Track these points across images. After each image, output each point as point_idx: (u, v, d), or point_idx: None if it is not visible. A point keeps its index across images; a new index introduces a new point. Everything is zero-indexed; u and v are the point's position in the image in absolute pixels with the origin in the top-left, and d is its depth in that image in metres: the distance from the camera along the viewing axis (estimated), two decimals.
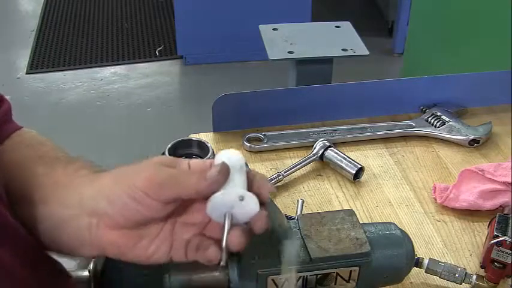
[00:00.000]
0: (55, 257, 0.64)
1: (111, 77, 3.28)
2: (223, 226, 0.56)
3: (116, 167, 0.60)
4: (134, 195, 0.55)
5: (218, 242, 0.57)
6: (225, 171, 0.56)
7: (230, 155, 0.58)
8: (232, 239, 0.55)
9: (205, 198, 0.56)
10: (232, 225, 0.56)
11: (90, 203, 0.58)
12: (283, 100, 1.19)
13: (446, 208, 1.00)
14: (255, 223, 0.56)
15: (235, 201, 0.55)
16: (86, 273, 0.68)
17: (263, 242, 0.65)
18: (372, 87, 1.22)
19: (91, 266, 0.68)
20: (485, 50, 1.80)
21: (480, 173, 1.01)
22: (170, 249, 0.59)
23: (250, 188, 0.57)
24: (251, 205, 0.55)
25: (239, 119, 1.18)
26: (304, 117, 1.20)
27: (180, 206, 0.58)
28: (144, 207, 0.56)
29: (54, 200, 0.60)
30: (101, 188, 0.58)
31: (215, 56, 3.30)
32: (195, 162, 0.59)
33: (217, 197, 0.55)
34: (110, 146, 2.71)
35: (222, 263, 0.56)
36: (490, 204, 0.98)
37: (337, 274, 0.70)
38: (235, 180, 0.56)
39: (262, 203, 0.57)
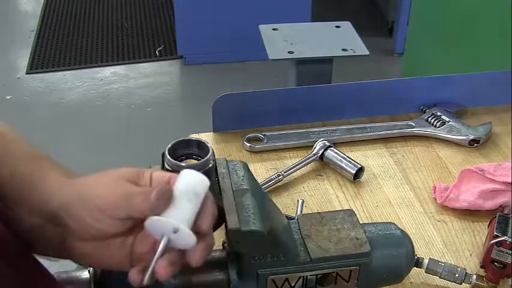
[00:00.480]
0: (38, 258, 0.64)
1: (111, 77, 3.28)
2: (157, 247, 0.56)
3: (81, 176, 0.60)
4: (93, 214, 0.56)
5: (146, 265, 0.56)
6: (164, 197, 0.56)
7: (190, 179, 0.58)
8: (159, 268, 0.55)
9: None
10: (169, 249, 0.56)
11: (55, 215, 0.58)
12: (283, 100, 1.19)
13: (446, 208, 1.00)
14: (190, 256, 0.56)
15: (169, 231, 0.55)
16: (85, 273, 0.68)
17: (263, 242, 0.65)
18: (372, 87, 1.22)
19: None
20: (485, 50, 1.80)
21: (480, 173, 1.01)
22: (132, 261, 0.59)
23: (197, 218, 0.57)
24: (185, 239, 0.55)
25: (239, 119, 1.18)
26: (304, 117, 1.20)
27: (140, 220, 0.58)
28: (103, 224, 0.56)
29: (21, 206, 0.60)
30: (63, 202, 0.58)
31: (215, 56, 3.30)
32: (156, 176, 0.60)
33: (153, 221, 0.55)
34: (110, 146, 2.71)
35: (144, 282, 0.55)
36: (490, 204, 0.98)
37: (337, 274, 0.70)
38: (182, 207, 0.56)
39: (203, 234, 0.57)
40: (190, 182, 0.57)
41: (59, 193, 0.59)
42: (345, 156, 1.08)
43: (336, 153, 1.09)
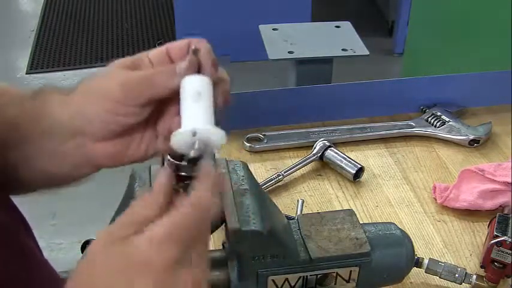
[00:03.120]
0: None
1: None
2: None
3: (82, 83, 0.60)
4: (110, 108, 0.56)
5: None
6: (193, 64, 0.57)
7: (188, 83, 0.57)
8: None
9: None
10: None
11: (70, 125, 0.58)
12: (283, 100, 1.19)
13: (446, 208, 1.00)
14: (218, 101, 0.58)
15: (191, 138, 0.54)
16: None
17: (263, 242, 0.65)
18: (372, 87, 1.22)
19: None
20: (485, 50, 1.80)
21: (480, 173, 1.01)
22: (162, 141, 0.59)
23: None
24: (211, 136, 0.54)
25: (239, 119, 1.18)
26: (304, 117, 1.20)
27: (159, 105, 0.58)
28: (123, 116, 0.56)
29: (37, 135, 0.60)
30: (76, 108, 0.58)
31: (215, 56, 3.29)
32: (154, 56, 0.60)
33: (176, 135, 0.54)
34: None
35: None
36: (490, 204, 0.98)
37: (337, 274, 0.71)
38: (191, 111, 0.55)
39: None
40: (188, 85, 0.57)
41: (67, 104, 0.59)
42: (345, 156, 1.08)
43: (336, 153, 1.09)
